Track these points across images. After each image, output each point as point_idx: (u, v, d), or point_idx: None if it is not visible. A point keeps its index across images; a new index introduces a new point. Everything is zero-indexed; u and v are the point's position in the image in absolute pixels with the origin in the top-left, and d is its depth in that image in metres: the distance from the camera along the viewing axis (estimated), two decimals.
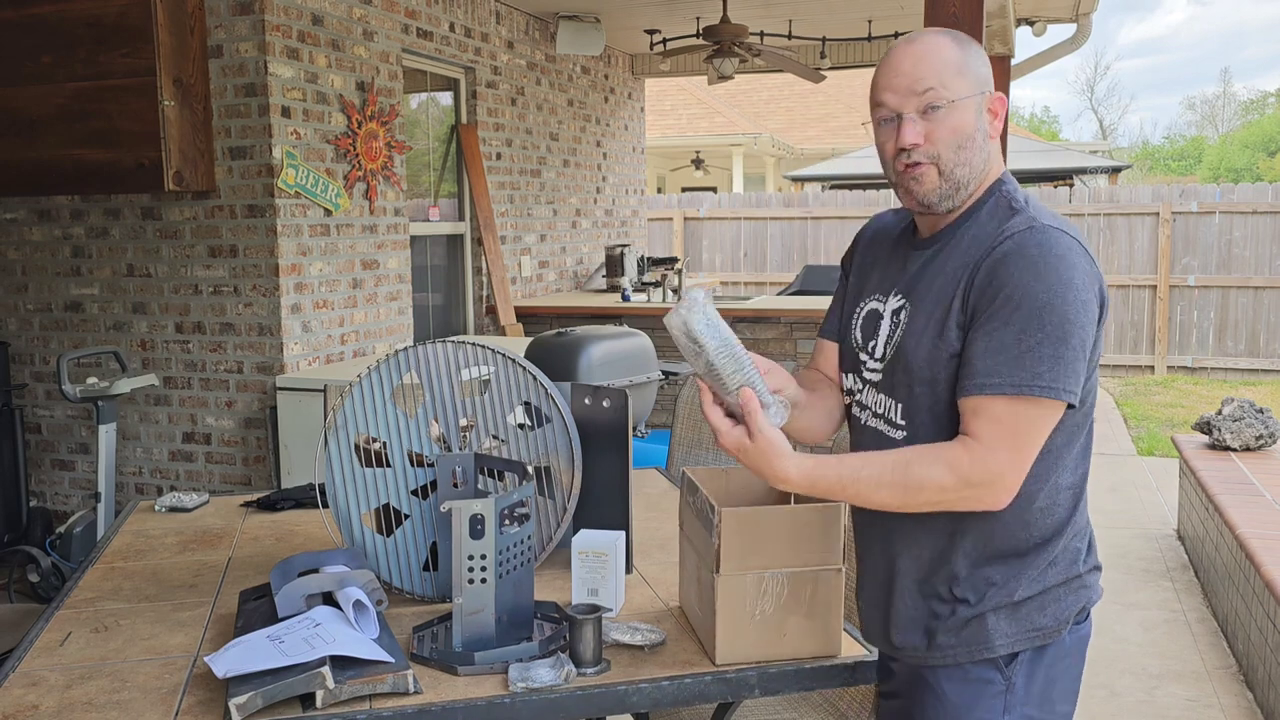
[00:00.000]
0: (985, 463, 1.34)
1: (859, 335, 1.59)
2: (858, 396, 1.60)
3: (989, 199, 1.47)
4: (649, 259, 7.73)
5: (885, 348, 1.51)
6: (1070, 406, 1.37)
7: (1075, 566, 1.46)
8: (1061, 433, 1.41)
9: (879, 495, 1.38)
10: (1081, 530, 1.49)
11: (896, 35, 7.22)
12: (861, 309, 1.60)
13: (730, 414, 1.42)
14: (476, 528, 1.65)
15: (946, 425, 1.43)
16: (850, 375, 1.63)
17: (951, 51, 1.43)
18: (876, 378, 1.54)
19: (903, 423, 1.48)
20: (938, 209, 1.46)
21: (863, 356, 1.58)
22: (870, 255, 1.66)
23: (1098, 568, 1.52)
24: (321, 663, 1.53)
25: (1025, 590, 1.43)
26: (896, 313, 1.51)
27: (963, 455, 1.35)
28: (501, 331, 6.19)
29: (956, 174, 1.44)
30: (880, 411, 1.53)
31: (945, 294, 1.43)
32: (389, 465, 1.96)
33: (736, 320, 6.12)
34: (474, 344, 1.99)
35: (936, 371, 1.42)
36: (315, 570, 1.82)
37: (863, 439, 1.59)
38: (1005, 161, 1.68)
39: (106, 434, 4.03)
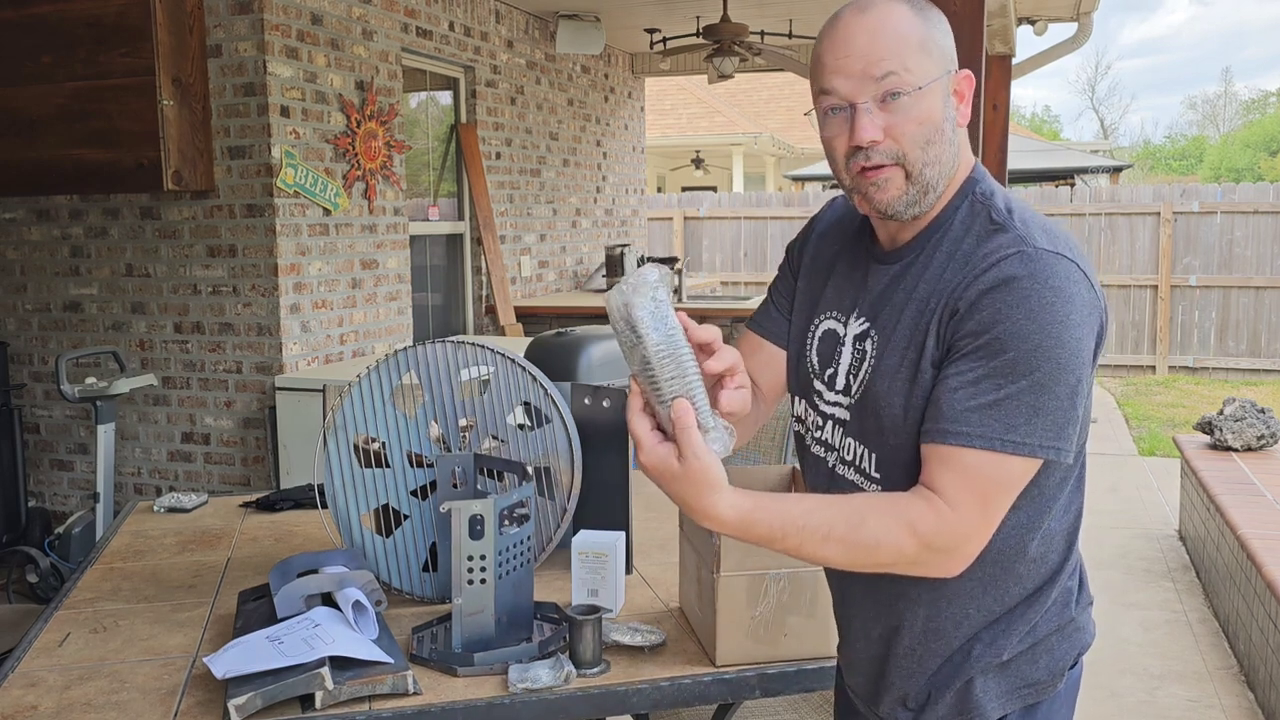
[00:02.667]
0: (951, 526, 1.15)
1: (814, 359, 1.36)
2: (816, 433, 1.37)
3: (962, 203, 1.24)
4: (649, 259, 7.73)
5: (851, 381, 1.29)
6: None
7: (1068, 610, 1.29)
8: (1053, 476, 1.22)
9: (824, 550, 1.16)
10: (1074, 569, 1.31)
11: None
12: (816, 326, 1.37)
13: (660, 427, 1.13)
14: (476, 528, 1.64)
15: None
16: (802, 402, 1.39)
17: (912, 23, 1.18)
18: (843, 416, 1.31)
19: (878, 475, 1.27)
20: (903, 217, 1.23)
21: (819, 385, 1.35)
22: (823, 255, 1.42)
23: (1090, 602, 1.34)
24: (321, 663, 1.52)
25: (1016, 646, 1.26)
26: (860, 339, 1.29)
27: (927, 514, 1.15)
28: (501, 331, 6.19)
29: (925, 175, 1.20)
30: (850, 459, 1.31)
31: (919, 326, 1.21)
32: (388, 466, 1.95)
33: (737, 320, 6.10)
34: (474, 344, 1.99)
35: (913, 420, 1.21)
36: (314, 571, 1.81)
37: (830, 485, 1.34)
38: (993, 155, 1.63)
39: (105, 434, 4.02)
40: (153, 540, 2.38)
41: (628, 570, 2.05)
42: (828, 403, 1.34)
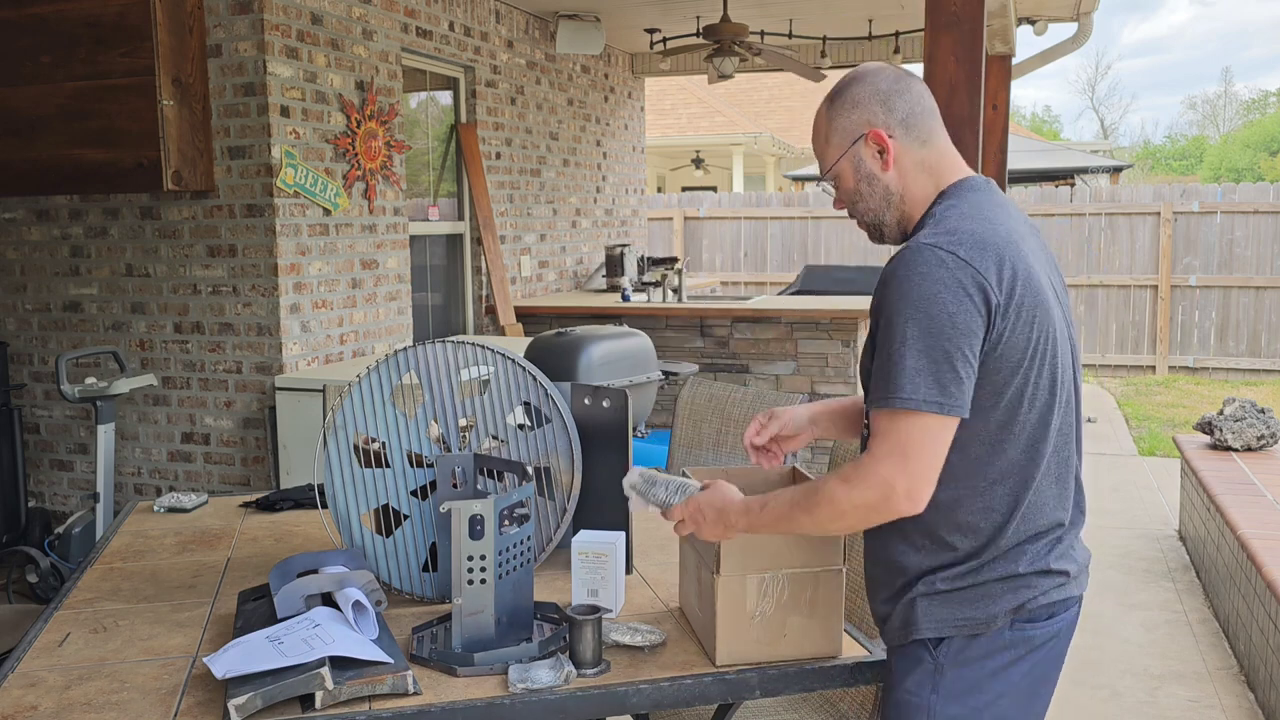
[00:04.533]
0: (871, 473, 1.43)
1: None
2: None
3: (924, 223, 1.54)
4: (649, 259, 7.73)
5: None
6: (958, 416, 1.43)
7: (1016, 566, 1.49)
8: (979, 442, 1.46)
9: (796, 518, 1.51)
10: (1037, 533, 1.50)
11: (897, 35, 7.22)
12: None
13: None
14: (476, 528, 1.64)
15: None
16: None
17: (821, 122, 1.59)
18: None
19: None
20: (882, 242, 1.64)
21: None
22: None
23: (1052, 571, 1.50)
24: (321, 663, 1.52)
25: (950, 584, 1.50)
26: None
27: (853, 470, 1.45)
28: (501, 331, 6.19)
29: (866, 219, 1.60)
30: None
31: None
32: (388, 466, 1.95)
33: (736, 320, 6.13)
34: (474, 344, 1.99)
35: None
36: (314, 571, 1.81)
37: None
38: (993, 155, 1.72)
39: (105, 434, 4.02)
40: (153, 540, 2.38)
41: (628, 570, 2.05)
42: None
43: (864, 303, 5.97)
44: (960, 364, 1.40)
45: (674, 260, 7.75)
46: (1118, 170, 13.89)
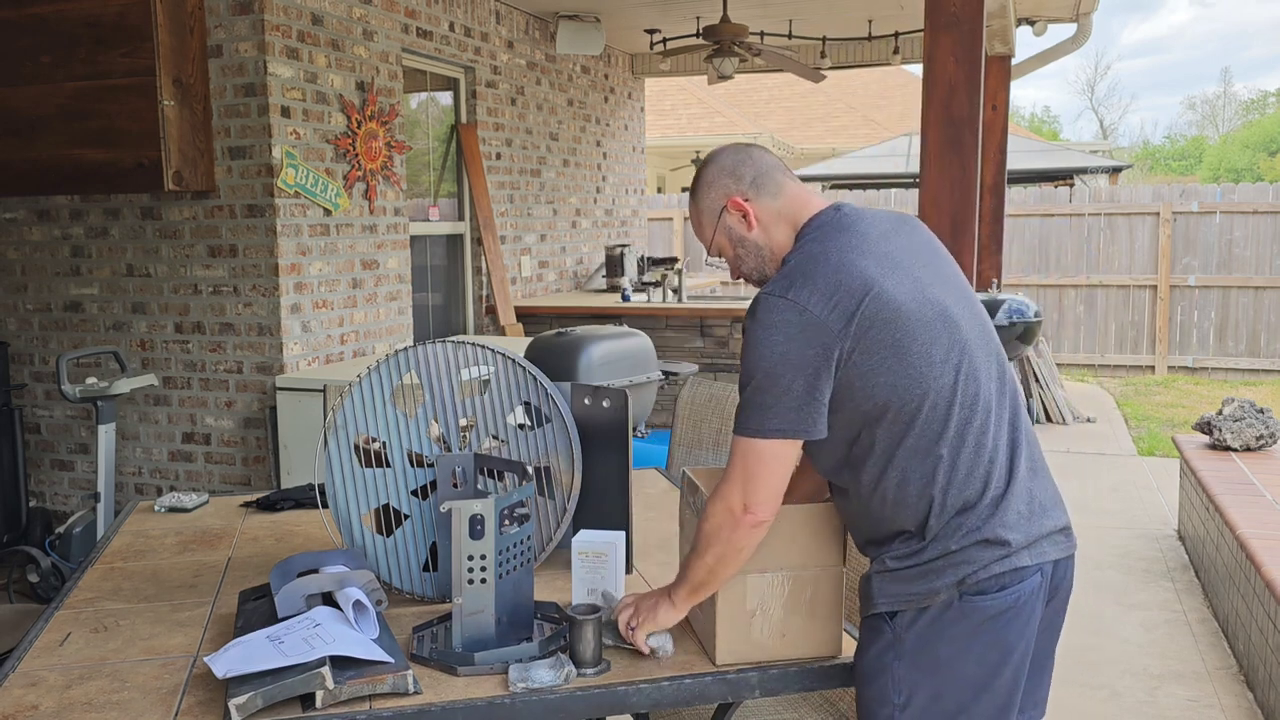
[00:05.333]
0: (717, 496, 1.63)
1: None
2: None
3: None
4: (649, 259, 7.73)
5: None
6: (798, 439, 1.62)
7: (949, 544, 1.60)
8: (878, 442, 1.61)
9: (698, 569, 1.66)
10: (965, 508, 1.60)
11: (896, 35, 7.23)
12: None
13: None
14: (476, 528, 1.65)
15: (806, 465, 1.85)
16: None
17: (692, 210, 1.79)
18: None
19: None
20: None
21: None
22: None
23: (989, 542, 1.60)
24: (321, 663, 1.53)
25: (898, 563, 1.63)
26: None
27: (707, 502, 1.65)
28: (501, 331, 6.19)
29: (753, 276, 1.78)
30: None
31: None
32: (389, 465, 1.96)
33: (736, 320, 6.14)
34: (474, 344, 1.99)
35: None
36: (315, 570, 1.82)
37: None
38: (992, 155, 1.74)
39: (106, 434, 4.03)
40: (153, 540, 2.38)
41: (628, 570, 2.05)
42: None
43: None
44: (803, 392, 1.57)
45: (674, 260, 7.75)
46: (1117, 170, 13.89)
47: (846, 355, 1.57)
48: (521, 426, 2.01)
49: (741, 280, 1.83)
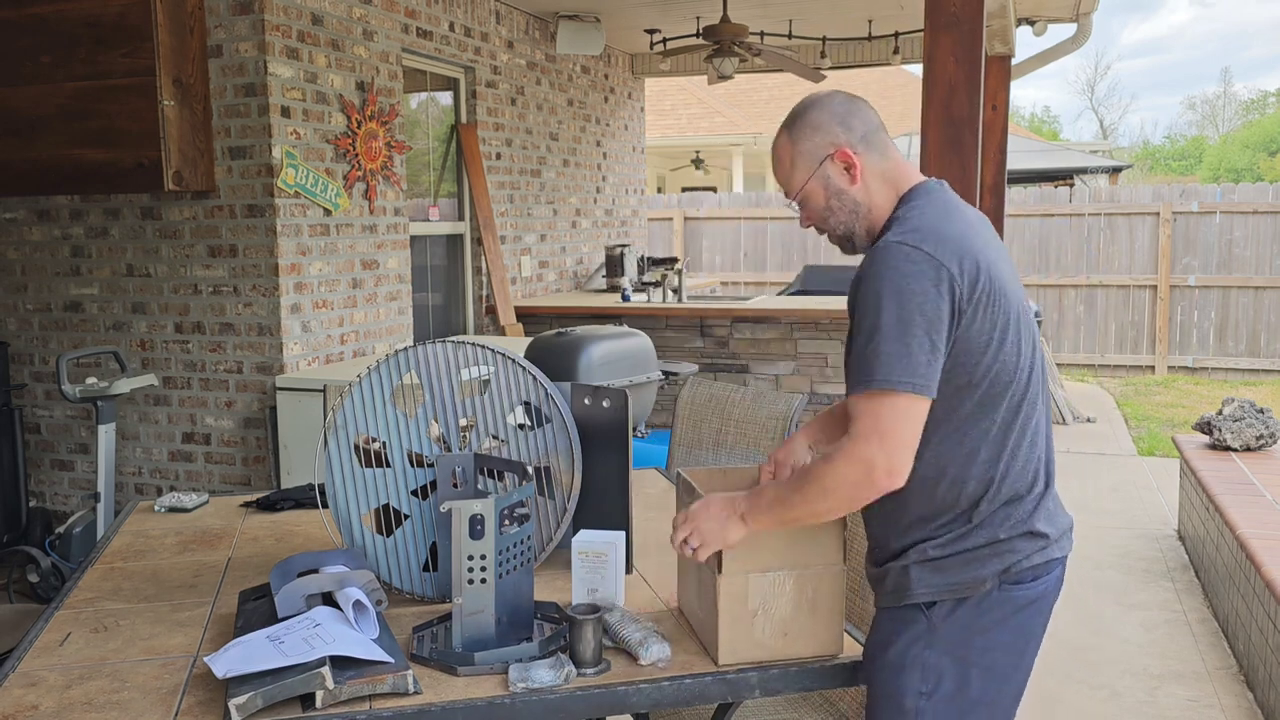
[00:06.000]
0: (851, 452, 1.53)
1: None
2: None
3: (889, 228, 1.64)
4: (649, 259, 7.73)
5: None
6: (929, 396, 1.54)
7: (998, 532, 1.60)
8: (955, 419, 1.59)
9: (789, 499, 1.59)
10: (1014, 498, 1.61)
11: (896, 35, 7.23)
12: None
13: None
14: (476, 528, 1.65)
15: None
16: None
17: (785, 149, 1.71)
18: None
19: None
20: (854, 252, 1.74)
21: None
22: None
23: (1034, 534, 1.62)
24: (321, 663, 1.53)
25: (941, 550, 1.61)
26: None
27: (835, 450, 1.56)
28: (501, 331, 6.19)
29: (839, 231, 1.72)
30: None
31: None
32: (389, 465, 1.96)
33: (736, 320, 6.13)
34: (474, 344, 1.99)
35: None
36: (315, 570, 1.82)
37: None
38: (992, 155, 1.74)
39: (106, 434, 4.03)
40: (153, 540, 2.38)
41: (628, 570, 2.05)
42: None
43: None
44: (930, 349, 1.51)
45: (674, 260, 7.76)
46: (1117, 170, 13.89)
47: (964, 324, 1.54)
48: (521, 426, 2.01)
49: (825, 233, 1.74)
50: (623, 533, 1.88)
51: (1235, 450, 4.98)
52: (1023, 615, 1.62)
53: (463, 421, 1.99)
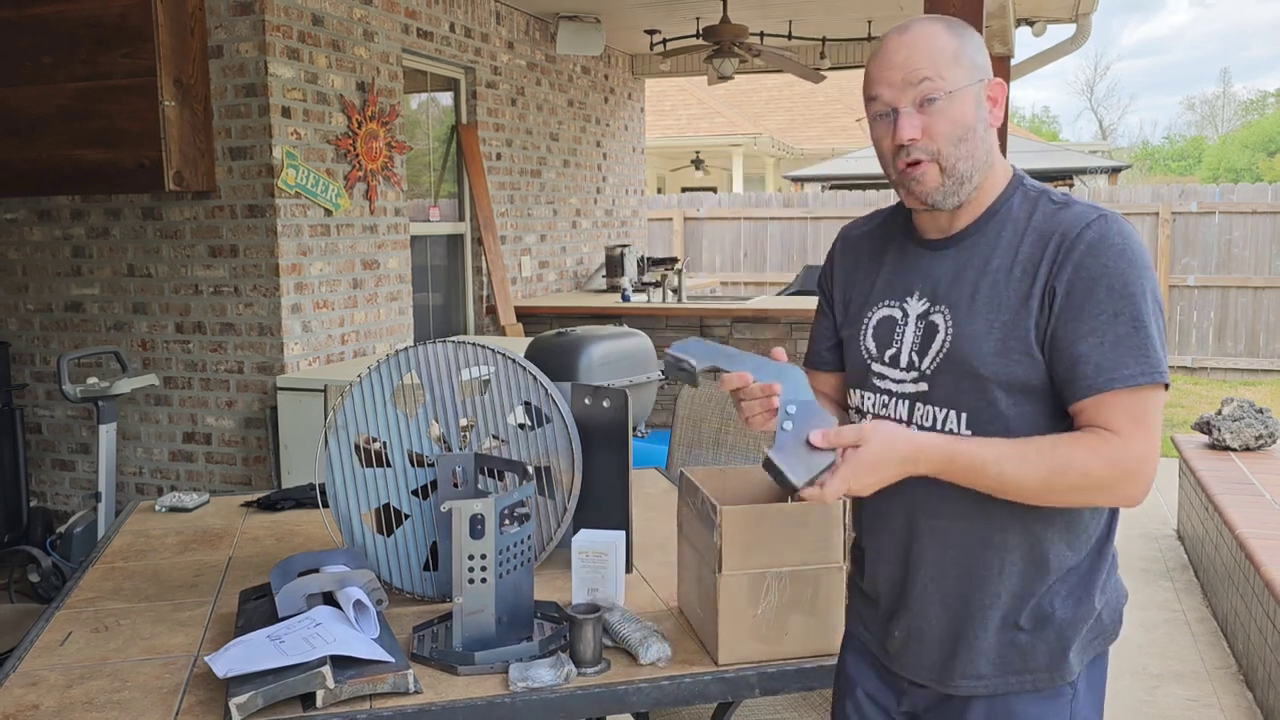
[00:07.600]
0: (1128, 450, 1.28)
1: (871, 345, 1.47)
2: (880, 413, 1.45)
3: (1014, 194, 1.40)
4: (649, 259, 7.73)
5: (917, 357, 1.40)
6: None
7: (1109, 578, 1.44)
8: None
9: (1022, 473, 1.29)
10: (1110, 537, 1.48)
11: None
12: (869, 319, 1.48)
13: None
14: (476, 528, 1.65)
15: (1017, 431, 1.33)
16: (858, 391, 1.50)
17: (946, 38, 1.35)
18: (916, 389, 1.40)
19: (968, 433, 1.35)
20: (942, 206, 1.38)
21: (878, 368, 1.45)
22: (857, 266, 1.55)
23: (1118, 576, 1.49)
24: (322, 662, 1.53)
25: (1068, 609, 1.38)
26: (924, 316, 1.40)
27: (1108, 442, 1.28)
28: (501, 331, 6.19)
29: (959, 169, 1.35)
30: (931, 425, 1.39)
31: (1007, 292, 1.34)
32: (389, 465, 1.96)
33: (736, 320, 6.14)
34: (474, 344, 1.99)
35: (1013, 373, 1.33)
36: (315, 570, 1.82)
37: None
38: (1005, 155, 1.63)
39: (107, 434, 4.03)
40: (154, 540, 2.39)
41: (628, 570, 2.06)
42: (892, 380, 1.45)
43: None
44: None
45: (674, 260, 7.76)
46: (1116, 171, 13.89)
47: None
48: (522, 426, 2.02)
49: (924, 167, 1.35)
50: (623, 532, 1.88)
51: (1234, 450, 4.98)
52: (1100, 666, 1.44)
53: (463, 421, 1.99)
